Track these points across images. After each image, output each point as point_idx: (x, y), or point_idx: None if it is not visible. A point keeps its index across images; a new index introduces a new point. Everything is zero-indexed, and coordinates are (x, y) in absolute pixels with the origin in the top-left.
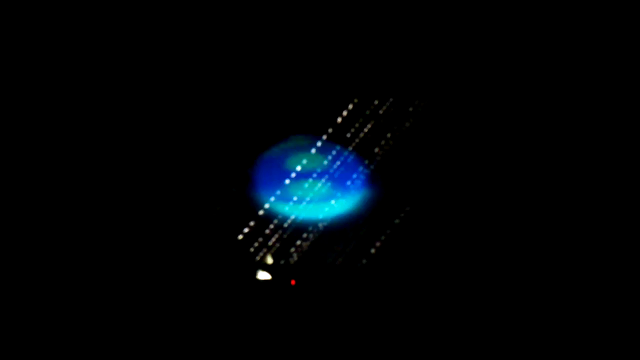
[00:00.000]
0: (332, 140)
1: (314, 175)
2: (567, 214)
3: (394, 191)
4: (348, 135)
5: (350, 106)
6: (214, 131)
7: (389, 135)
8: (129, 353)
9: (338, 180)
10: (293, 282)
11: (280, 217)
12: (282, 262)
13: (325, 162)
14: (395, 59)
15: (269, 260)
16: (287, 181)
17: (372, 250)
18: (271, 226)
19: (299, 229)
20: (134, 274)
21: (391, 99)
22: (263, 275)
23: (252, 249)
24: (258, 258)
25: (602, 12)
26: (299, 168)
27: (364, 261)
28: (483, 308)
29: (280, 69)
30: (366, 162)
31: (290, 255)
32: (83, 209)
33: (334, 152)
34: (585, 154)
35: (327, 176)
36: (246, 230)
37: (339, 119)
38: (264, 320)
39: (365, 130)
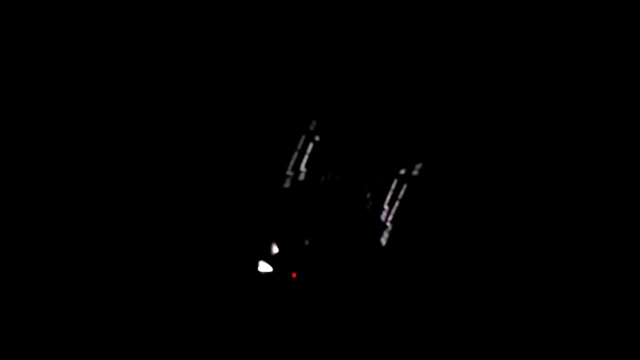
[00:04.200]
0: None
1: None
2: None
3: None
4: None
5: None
6: (218, 129)
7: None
8: (131, 342)
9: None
10: (294, 274)
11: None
12: (284, 254)
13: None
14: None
15: (274, 250)
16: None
17: (372, 247)
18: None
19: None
20: (136, 265)
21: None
22: (264, 268)
23: (255, 240)
24: (262, 249)
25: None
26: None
27: (363, 256)
28: (482, 308)
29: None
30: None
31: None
32: (85, 208)
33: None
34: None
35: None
36: (250, 221)
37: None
38: (265, 312)
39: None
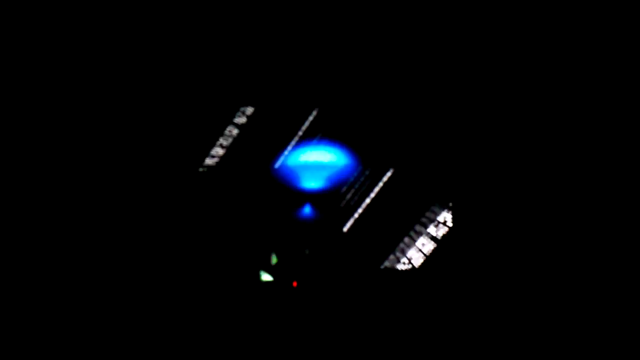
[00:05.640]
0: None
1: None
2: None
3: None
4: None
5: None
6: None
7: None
8: (130, 353)
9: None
10: (295, 283)
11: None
12: (285, 263)
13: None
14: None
15: (274, 260)
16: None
17: (372, 251)
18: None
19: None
20: (137, 273)
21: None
22: (266, 277)
23: (256, 250)
24: (262, 258)
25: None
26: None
27: (365, 264)
28: (482, 308)
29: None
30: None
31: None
32: (85, 209)
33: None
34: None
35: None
36: (251, 230)
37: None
38: (266, 321)
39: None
